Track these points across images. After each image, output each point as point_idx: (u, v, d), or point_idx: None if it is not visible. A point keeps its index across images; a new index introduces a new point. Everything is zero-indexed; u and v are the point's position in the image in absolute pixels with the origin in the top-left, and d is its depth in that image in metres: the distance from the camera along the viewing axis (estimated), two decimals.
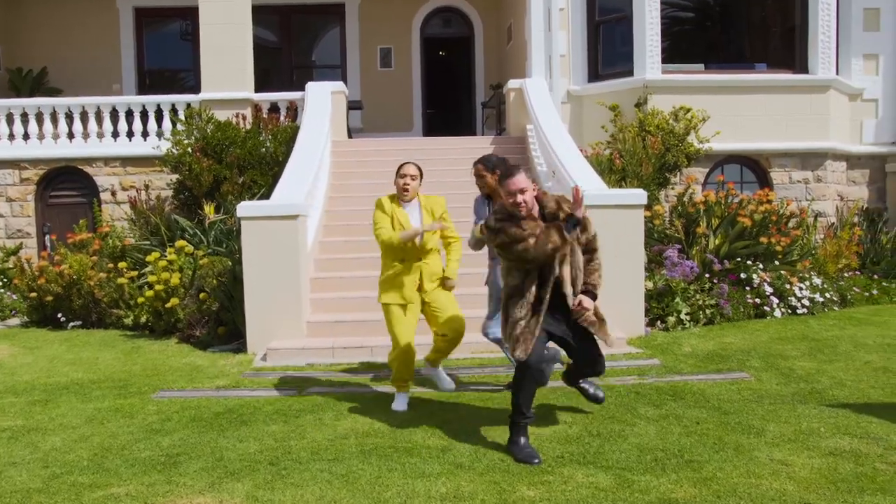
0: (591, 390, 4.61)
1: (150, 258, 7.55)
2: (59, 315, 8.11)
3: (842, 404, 4.70)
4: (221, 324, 7.13)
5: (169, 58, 14.41)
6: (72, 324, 8.08)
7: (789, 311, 7.70)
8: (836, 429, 4.21)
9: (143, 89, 13.86)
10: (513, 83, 10.74)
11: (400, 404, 4.78)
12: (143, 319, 7.64)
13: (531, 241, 3.80)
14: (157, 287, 7.27)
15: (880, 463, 3.66)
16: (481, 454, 3.88)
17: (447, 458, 3.83)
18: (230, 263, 7.32)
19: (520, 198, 3.87)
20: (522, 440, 3.90)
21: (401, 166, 4.88)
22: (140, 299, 7.50)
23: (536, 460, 3.73)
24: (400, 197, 4.84)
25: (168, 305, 7.24)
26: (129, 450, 4.13)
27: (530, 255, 3.81)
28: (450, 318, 4.74)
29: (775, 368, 5.65)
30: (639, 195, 6.86)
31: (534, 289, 3.91)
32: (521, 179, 3.87)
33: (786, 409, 4.63)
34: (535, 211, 3.98)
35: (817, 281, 8.04)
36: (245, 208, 6.61)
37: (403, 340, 4.66)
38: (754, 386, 5.19)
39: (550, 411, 4.62)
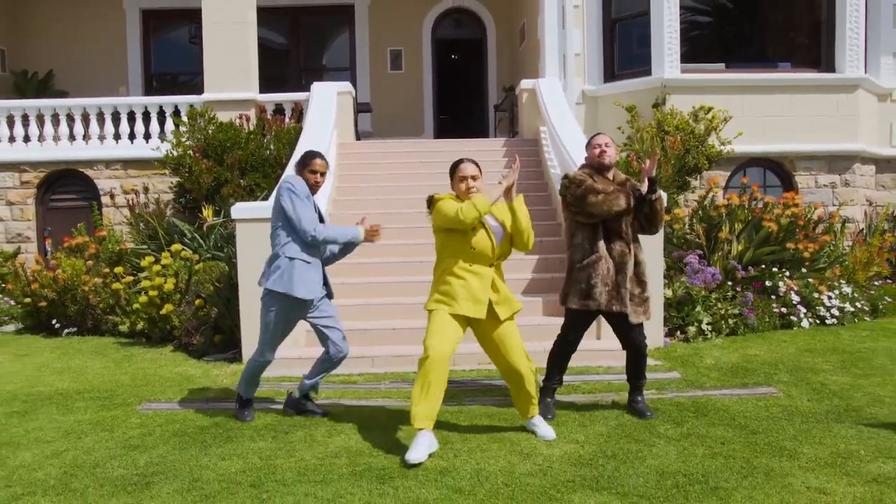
0: (639, 405, 4.56)
1: (144, 263, 7.26)
2: (54, 321, 7.84)
3: (882, 424, 4.29)
4: (219, 331, 6.81)
5: (176, 60, 14.21)
6: (66, 330, 7.79)
7: (817, 322, 7.28)
8: (878, 452, 3.80)
9: (149, 92, 13.67)
10: (525, 84, 10.38)
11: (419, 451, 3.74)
12: (139, 326, 7.34)
13: (601, 196, 4.32)
14: (151, 293, 6.97)
15: None
16: (483, 478, 3.51)
17: (445, 481, 3.47)
18: (228, 269, 7.01)
19: (608, 150, 4.48)
20: (548, 399, 4.55)
21: (457, 166, 4.10)
22: (135, 305, 7.20)
23: (550, 416, 4.38)
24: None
25: (162, 312, 6.94)
26: (103, 468, 3.79)
27: (599, 209, 4.32)
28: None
29: (806, 383, 5.23)
30: None
31: (601, 244, 4.41)
32: (603, 136, 4.59)
33: (820, 428, 4.22)
34: (611, 174, 4.53)
35: (847, 289, 7.60)
36: (240, 210, 6.29)
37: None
38: (784, 402, 4.78)
39: (562, 428, 4.24)
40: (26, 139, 10.35)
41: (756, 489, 3.32)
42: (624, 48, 10.45)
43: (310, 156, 4.52)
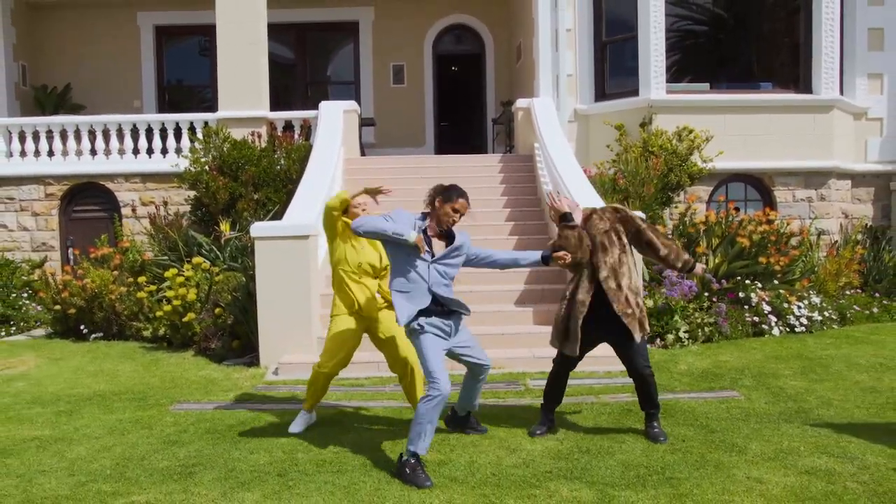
0: (653, 431, 4.67)
1: (168, 274, 7.89)
2: (82, 327, 8.47)
3: (825, 423, 4.91)
4: (236, 337, 7.44)
5: (187, 73, 14.86)
6: (93, 335, 8.43)
7: (787, 330, 7.89)
8: (816, 448, 4.42)
9: (162, 105, 14.31)
10: (521, 103, 11.02)
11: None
12: (161, 332, 7.97)
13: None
14: (175, 302, 7.60)
15: (851, 482, 3.87)
16: (475, 469, 4.14)
17: (443, 471, 4.09)
18: (244, 279, 7.64)
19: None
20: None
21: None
22: (158, 313, 7.83)
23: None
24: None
25: (185, 319, 7.56)
26: (149, 460, 4.42)
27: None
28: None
29: (766, 387, 5.85)
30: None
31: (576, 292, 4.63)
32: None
33: (770, 427, 4.84)
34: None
35: (816, 300, 8.22)
36: (259, 229, 6.93)
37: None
38: (743, 405, 5.40)
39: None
40: (50, 153, 10.99)
41: (704, 479, 3.95)
42: (614, 69, 11.08)
43: (457, 194, 4.28)
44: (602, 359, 6.40)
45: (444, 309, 4.27)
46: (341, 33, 14.86)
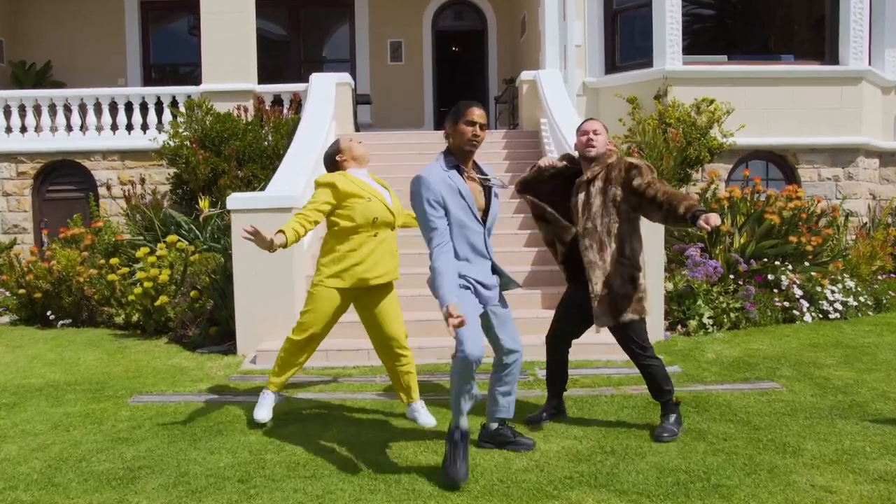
0: (661, 425, 3.99)
1: (139, 254, 7.17)
2: (49, 313, 7.76)
3: (888, 420, 4.19)
4: (215, 323, 6.73)
5: (175, 52, 14.10)
6: (61, 322, 7.71)
7: (820, 316, 7.18)
8: (885, 449, 3.70)
9: (148, 84, 13.54)
10: (525, 75, 10.27)
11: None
12: (134, 318, 7.26)
13: None
14: (146, 284, 6.88)
15: None
16: (478, 474, 3.42)
17: (439, 477, 3.37)
18: (223, 260, 6.92)
19: (597, 139, 4.02)
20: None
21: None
22: (130, 297, 7.12)
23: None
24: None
25: (157, 304, 6.85)
26: (88, 461, 3.71)
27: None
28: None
29: (809, 378, 5.14)
30: None
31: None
32: (593, 122, 4.13)
33: (824, 424, 4.12)
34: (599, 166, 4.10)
35: (850, 283, 7.50)
36: (236, 200, 6.20)
37: None
38: (787, 397, 4.68)
39: (560, 423, 4.16)
40: (23, 129, 10.25)
41: (759, 487, 3.23)
42: (625, 39, 10.32)
43: (465, 105, 3.62)
44: (618, 346, 5.70)
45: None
46: (336, 8, 14.10)
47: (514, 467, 3.50)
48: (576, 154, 4.15)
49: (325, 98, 9.23)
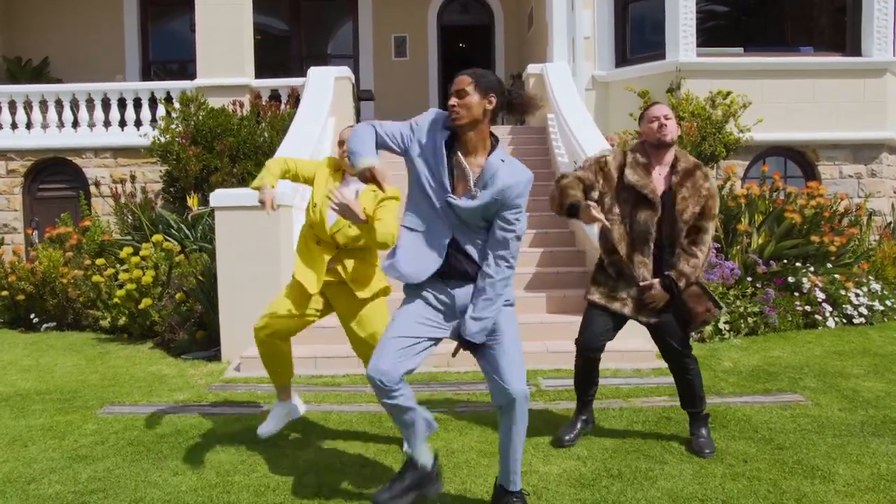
0: (698, 441, 3.65)
1: (123, 254, 6.83)
2: (32, 316, 7.44)
3: None
4: (203, 327, 6.39)
5: (175, 49, 13.76)
6: (45, 325, 7.39)
7: (844, 321, 6.74)
8: None
9: (147, 81, 13.25)
10: (532, 68, 9.87)
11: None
12: (121, 321, 6.92)
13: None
14: (129, 286, 6.54)
15: None
16: (469, 500, 3.04)
17: (424, 501, 3.00)
18: (210, 260, 6.57)
19: (668, 124, 3.72)
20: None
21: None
22: (115, 299, 6.78)
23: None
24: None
25: (141, 306, 6.51)
26: (38, 483, 3.36)
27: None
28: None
29: (836, 390, 4.71)
30: None
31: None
32: (661, 107, 3.80)
33: (856, 443, 3.71)
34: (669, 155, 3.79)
35: (876, 286, 7.05)
36: (220, 196, 5.83)
37: None
38: (812, 412, 4.27)
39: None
40: (13, 126, 9.96)
41: None
42: (636, 30, 9.91)
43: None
44: (629, 354, 5.31)
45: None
46: (339, 3, 13.74)
47: None
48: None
49: (323, 92, 8.86)
